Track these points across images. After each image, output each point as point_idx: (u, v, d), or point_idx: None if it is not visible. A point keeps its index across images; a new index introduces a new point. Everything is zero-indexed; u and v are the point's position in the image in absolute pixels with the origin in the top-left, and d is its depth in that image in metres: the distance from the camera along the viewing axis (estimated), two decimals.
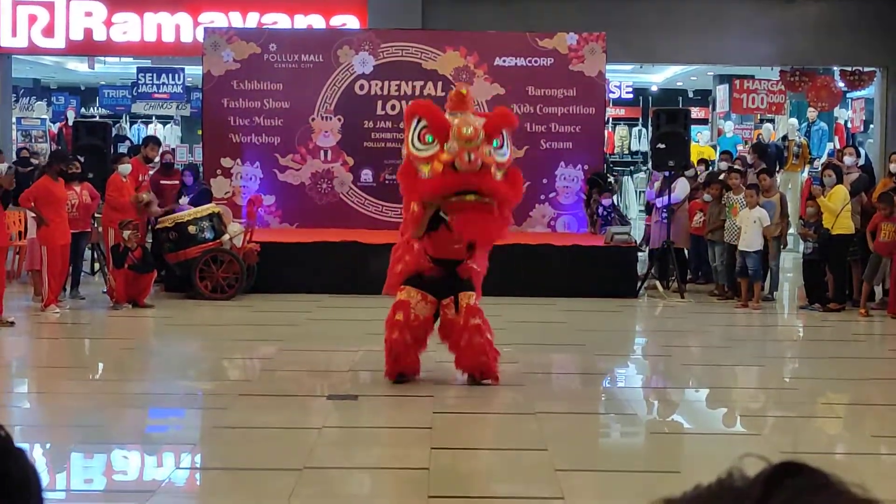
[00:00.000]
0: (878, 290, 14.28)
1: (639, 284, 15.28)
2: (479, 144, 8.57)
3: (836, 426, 8.97)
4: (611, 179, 18.59)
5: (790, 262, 18.00)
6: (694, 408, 9.58)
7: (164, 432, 8.49)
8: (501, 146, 8.92)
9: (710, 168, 17.78)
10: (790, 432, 8.38)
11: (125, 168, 14.51)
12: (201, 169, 17.46)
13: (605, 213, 16.31)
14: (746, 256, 14.34)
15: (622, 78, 30.26)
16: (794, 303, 15.39)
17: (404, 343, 9.19)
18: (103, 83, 28.01)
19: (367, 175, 16.87)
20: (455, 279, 9.28)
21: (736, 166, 16.81)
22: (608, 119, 26.91)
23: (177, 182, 16.43)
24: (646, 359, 11.95)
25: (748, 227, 14.36)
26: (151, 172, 16.29)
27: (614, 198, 17.59)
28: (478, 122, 8.72)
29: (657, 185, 16.13)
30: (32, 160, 18.82)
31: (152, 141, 16.45)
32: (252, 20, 20.08)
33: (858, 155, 16.24)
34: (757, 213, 14.35)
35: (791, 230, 16.48)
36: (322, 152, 17.04)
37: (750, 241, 14.32)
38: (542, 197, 17.02)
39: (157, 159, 16.44)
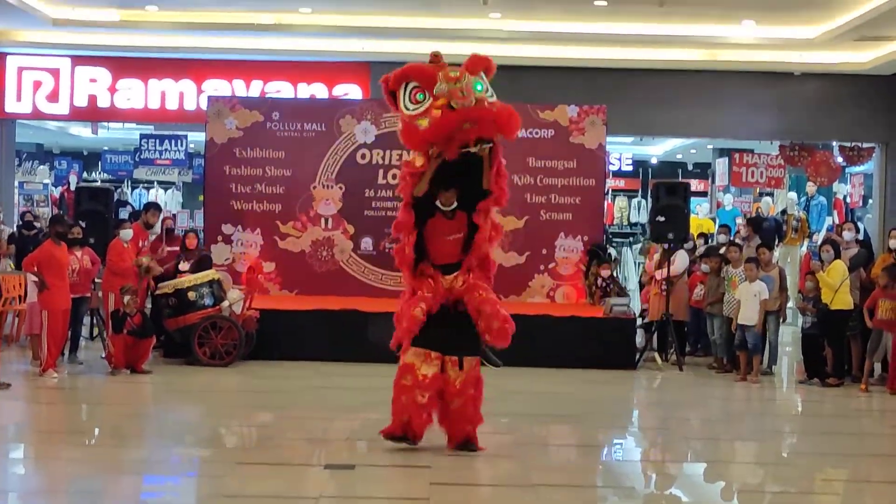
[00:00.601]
0: (878, 366, 14.26)
1: (637, 356, 15.27)
2: (468, 83, 8.91)
3: (833, 502, 8.92)
4: (610, 251, 18.62)
5: (789, 336, 17.99)
6: (692, 482, 9.53)
7: (160, 499, 8.44)
8: (486, 90, 9.18)
9: (710, 241, 17.82)
10: None
11: (127, 234, 14.56)
12: (202, 235, 17.51)
13: (604, 284, 16.33)
14: (745, 330, 14.34)
15: (622, 150, 30.47)
16: (792, 377, 15.37)
17: (416, 404, 9.14)
18: (106, 148, 28.13)
19: (367, 243, 16.91)
20: (463, 334, 9.26)
21: (735, 240, 16.87)
22: (608, 190, 27.02)
23: (177, 248, 16.47)
24: (644, 431, 11.91)
25: (747, 300, 14.38)
26: (152, 238, 16.33)
27: (613, 269, 17.59)
28: (457, 67, 9.08)
29: (656, 257, 16.16)
30: (35, 224, 18.86)
31: (153, 207, 16.51)
32: (255, 88, 20.28)
33: (857, 230, 16.30)
34: (756, 287, 14.38)
35: (790, 304, 16.49)
36: (323, 220, 17.09)
37: (749, 314, 14.33)
38: (542, 267, 17.04)
39: (157, 225, 16.49)
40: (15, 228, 19.94)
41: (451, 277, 9.30)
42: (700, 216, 24.74)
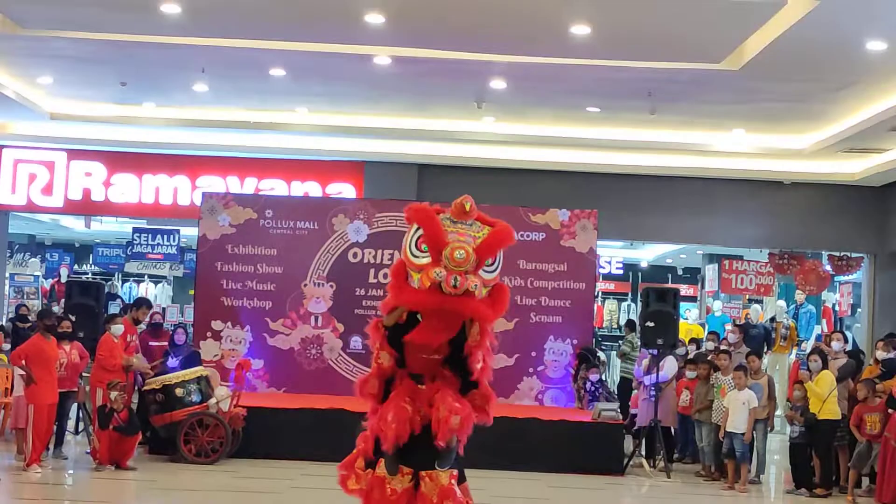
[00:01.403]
0: (865, 478, 14.19)
1: (625, 462, 15.20)
2: (469, 269, 8.65)
3: None
4: (600, 354, 18.62)
5: (777, 445, 17.93)
6: None
7: None
8: (493, 263, 8.96)
9: (701, 347, 17.84)
10: None
11: (117, 329, 14.54)
12: (191, 330, 17.50)
13: (592, 388, 16.30)
14: (734, 438, 14.31)
15: (613, 253, 30.56)
16: (780, 486, 15.29)
17: None
18: (98, 241, 28.20)
19: (356, 342, 16.90)
20: (434, 448, 9.20)
21: (723, 347, 16.89)
22: (597, 293, 27.09)
23: (165, 343, 16.46)
24: None
25: (736, 408, 14.36)
26: (140, 332, 16.31)
27: (602, 373, 17.57)
28: (470, 246, 8.72)
29: (645, 362, 16.16)
30: (29, 317, 18.85)
31: (144, 304, 16.50)
32: (250, 185, 20.41)
33: (846, 340, 16.32)
34: (745, 395, 14.37)
35: (778, 412, 16.47)
36: (313, 318, 17.10)
37: (737, 422, 14.31)
38: (531, 370, 17.04)
39: (145, 320, 16.48)
40: (7, 321, 19.92)
41: (424, 473, 9.21)
42: (689, 321, 24.78)
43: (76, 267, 30.30)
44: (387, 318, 8.97)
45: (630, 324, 19.69)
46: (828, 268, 22.15)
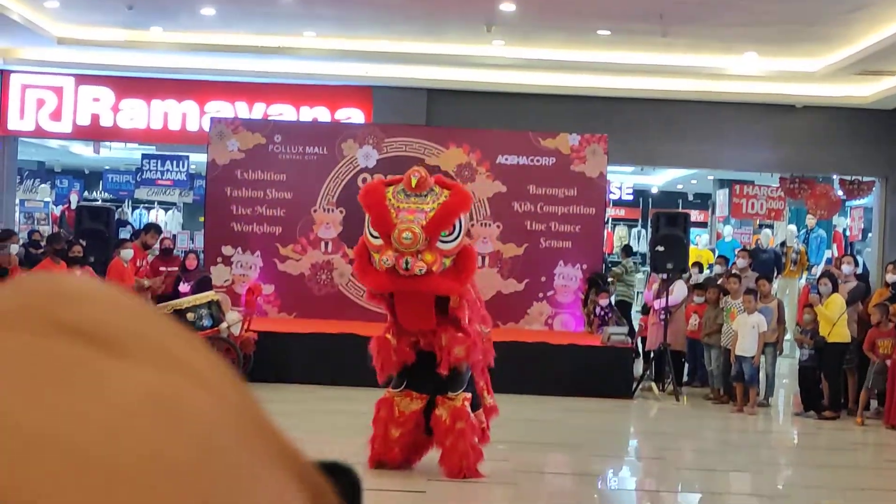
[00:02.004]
0: (874, 400, 14.25)
1: (634, 385, 15.27)
2: (421, 247, 8.64)
3: None
4: (609, 279, 18.63)
5: (786, 369, 17.99)
6: None
7: None
8: (452, 232, 8.94)
9: (708, 271, 17.85)
10: None
11: (127, 253, 14.59)
12: (202, 256, 17.53)
13: (602, 313, 16.34)
14: (742, 361, 14.35)
15: (623, 179, 30.52)
16: (789, 409, 15.36)
17: (385, 438, 9.31)
18: (107, 168, 28.22)
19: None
20: (439, 376, 9.31)
21: (733, 271, 16.89)
22: (608, 219, 27.05)
23: (175, 268, 16.50)
24: (640, 461, 11.91)
25: (745, 332, 14.39)
26: (151, 258, 16.35)
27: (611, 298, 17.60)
28: (419, 224, 8.72)
29: (655, 287, 16.18)
30: (42, 243, 18.89)
31: (153, 228, 16.55)
32: (258, 111, 20.31)
33: (856, 264, 16.32)
34: (754, 319, 14.39)
35: (787, 336, 16.50)
36: (323, 243, 17.11)
37: (746, 346, 14.34)
38: (541, 295, 17.06)
39: (156, 246, 16.51)
40: (20, 247, 19.97)
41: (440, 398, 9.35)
42: (699, 247, 24.78)
43: (86, 194, 30.33)
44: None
45: (626, 249, 19.69)
46: (839, 192, 22.07)
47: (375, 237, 8.88)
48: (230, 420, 0.42)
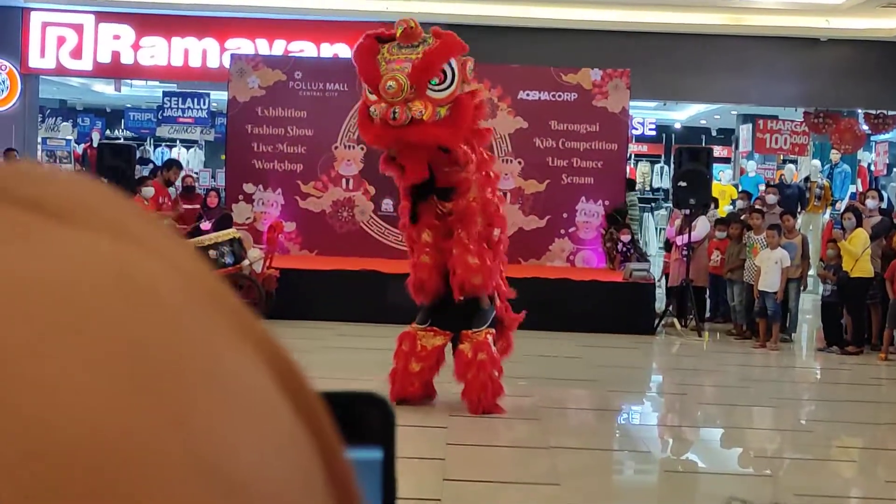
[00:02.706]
0: None
1: (657, 321, 15.26)
2: (406, 97, 8.59)
3: (850, 470, 8.93)
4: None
5: (809, 304, 17.95)
6: (708, 447, 9.55)
7: None
8: (443, 80, 8.86)
9: (731, 206, 17.78)
10: (804, 474, 8.35)
11: (148, 191, 14.61)
12: (223, 194, 17.55)
13: (624, 248, 16.30)
14: (766, 297, 14.31)
15: (645, 115, 30.34)
16: (812, 345, 15.35)
17: (406, 371, 9.36)
18: (129, 106, 28.18)
19: (387, 204, 16.90)
20: (469, 308, 9.33)
21: (757, 206, 16.80)
22: (630, 155, 26.92)
23: (197, 206, 16.52)
24: (661, 396, 11.93)
25: (769, 267, 14.34)
26: (173, 195, 16.37)
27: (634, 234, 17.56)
28: (404, 73, 8.67)
29: (678, 223, 16.12)
30: None
31: (175, 164, 16.57)
32: (278, 47, 20.21)
33: (881, 198, 16.22)
34: (778, 254, 14.33)
35: (811, 272, 16.45)
36: (344, 181, 17.09)
37: (769, 281, 14.30)
38: (562, 231, 17.03)
39: (178, 183, 16.52)
40: None
41: (449, 205, 9.32)
42: (723, 182, 24.67)
43: (108, 132, 30.34)
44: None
45: (630, 183, 19.47)
46: (864, 126, 21.89)
47: (371, 92, 8.88)
48: (181, 285, 0.41)
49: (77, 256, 0.38)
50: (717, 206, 17.67)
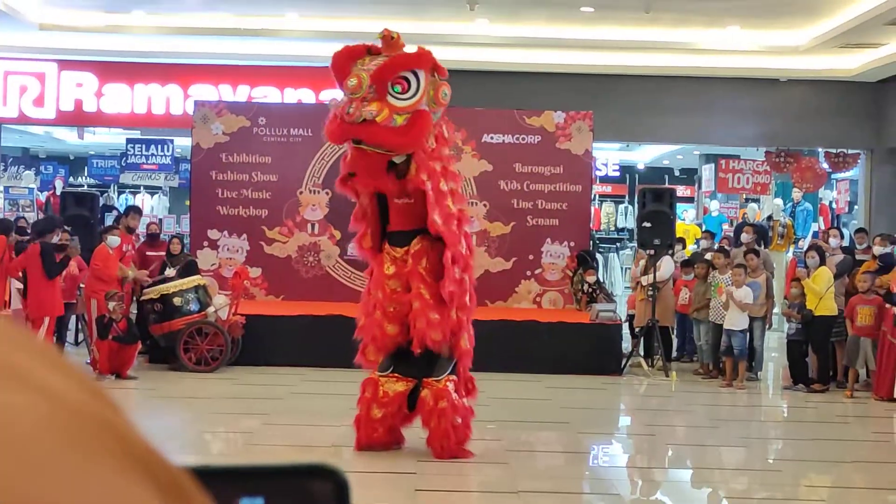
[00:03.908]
0: (862, 371, 14.29)
1: (623, 362, 15.27)
2: (366, 95, 8.63)
3: None
4: (597, 256, 18.63)
5: (774, 342, 18.02)
6: (678, 488, 9.54)
7: None
8: (406, 90, 8.88)
9: (695, 246, 17.86)
10: None
11: (114, 240, 14.49)
12: (188, 240, 17.48)
13: (590, 289, 16.34)
14: (732, 335, 14.36)
15: (609, 155, 30.54)
16: (778, 383, 15.40)
17: (369, 419, 9.35)
18: (92, 153, 28.14)
19: (353, 248, 16.86)
20: (429, 356, 9.33)
21: (724, 245, 16.86)
22: (595, 196, 27.05)
23: (162, 253, 16.44)
24: (630, 437, 11.92)
25: (734, 306, 14.40)
26: (138, 243, 16.29)
27: (600, 274, 17.60)
28: (365, 73, 8.75)
29: (642, 262, 16.18)
30: (28, 230, 18.82)
31: (133, 210, 16.52)
32: (242, 93, 20.24)
33: (842, 237, 16.34)
34: (742, 293, 14.40)
35: (776, 310, 16.53)
36: (309, 225, 17.07)
37: (735, 320, 14.36)
38: (528, 273, 17.04)
39: (142, 229, 16.44)
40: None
41: (402, 250, 9.36)
42: (686, 222, 24.82)
43: (71, 179, 30.24)
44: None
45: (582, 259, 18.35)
46: (824, 165, 22.10)
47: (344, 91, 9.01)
48: (58, 420, 0.41)
49: None
50: (684, 247, 17.74)
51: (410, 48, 9.19)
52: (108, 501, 0.40)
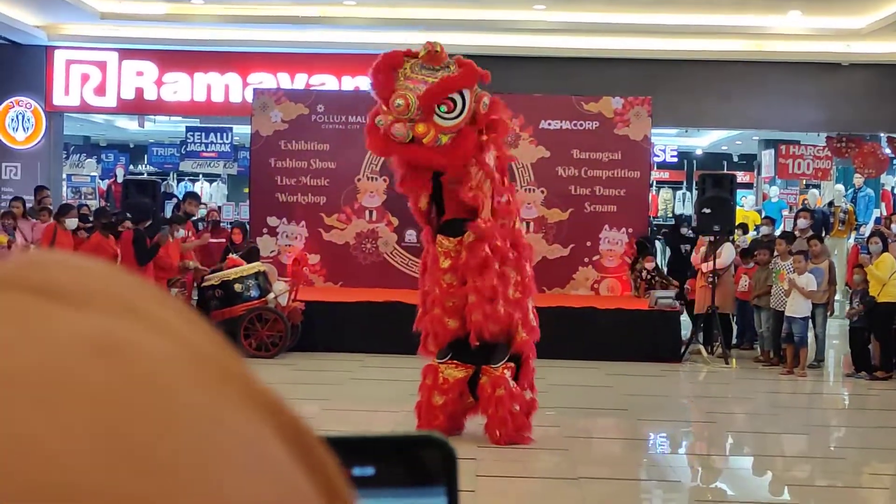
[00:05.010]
0: None
1: (683, 349, 15.21)
2: (414, 116, 8.63)
3: (882, 497, 8.86)
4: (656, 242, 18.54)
5: (836, 329, 17.86)
6: (738, 475, 9.49)
7: None
8: (453, 109, 8.86)
9: (754, 232, 17.74)
10: (835, 502, 8.29)
11: (180, 232, 14.62)
12: (248, 227, 17.61)
13: (648, 276, 16.28)
14: (792, 322, 14.25)
15: (667, 141, 30.33)
16: (839, 370, 15.27)
17: (430, 405, 9.37)
18: (152, 141, 28.35)
19: (411, 235, 16.90)
20: (487, 346, 9.36)
21: (795, 231, 16.66)
22: (652, 182, 26.91)
23: (223, 240, 16.57)
24: (690, 425, 11.87)
25: (796, 292, 14.29)
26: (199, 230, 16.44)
27: (658, 261, 17.51)
28: (415, 94, 8.71)
29: (703, 249, 16.08)
30: (90, 218, 19.05)
31: (191, 196, 16.70)
32: (300, 81, 20.31)
33: None
34: (805, 279, 14.28)
35: (838, 297, 16.37)
36: (367, 212, 17.12)
37: (797, 306, 14.24)
38: (586, 260, 17.01)
39: (202, 215, 16.57)
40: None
41: (455, 240, 9.37)
42: (746, 208, 24.62)
43: (131, 167, 30.51)
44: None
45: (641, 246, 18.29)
46: (887, 150, 21.84)
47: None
48: (186, 363, 0.42)
49: (65, 335, 0.39)
50: (746, 232, 17.61)
51: (457, 67, 9.06)
52: (236, 446, 0.41)
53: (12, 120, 20.72)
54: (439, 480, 0.61)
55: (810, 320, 14.47)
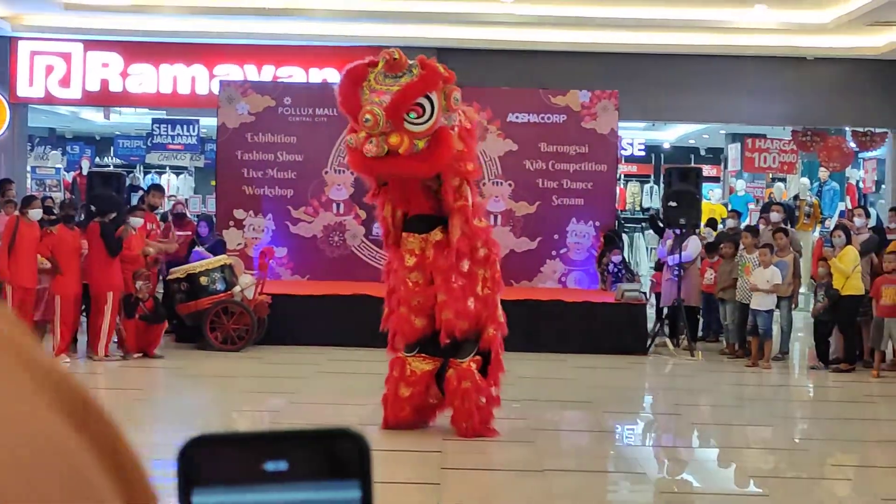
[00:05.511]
0: (889, 351, 14.24)
1: (649, 341, 15.26)
2: (385, 129, 8.56)
3: (845, 488, 8.92)
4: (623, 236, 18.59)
5: (801, 322, 17.96)
6: (704, 467, 9.53)
7: (170, 484, 8.46)
8: (422, 114, 8.81)
9: (721, 226, 17.82)
10: (800, 493, 8.34)
11: (136, 221, 14.52)
12: (214, 220, 17.53)
13: (615, 269, 16.32)
14: (757, 315, 14.33)
15: (634, 135, 30.40)
16: (804, 362, 15.36)
17: (397, 397, 9.41)
18: (118, 133, 28.19)
19: (378, 228, 16.86)
20: (454, 340, 9.38)
21: (760, 225, 16.73)
22: (620, 176, 26.98)
23: (189, 232, 16.49)
24: (655, 417, 11.92)
25: (761, 286, 14.36)
26: (163, 223, 16.35)
27: (625, 254, 17.56)
28: (381, 106, 8.61)
29: (669, 243, 16.14)
30: (54, 210, 18.93)
31: (154, 188, 16.60)
32: (267, 73, 20.22)
33: (868, 216, 16.25)
34: (770, 272, 14.35)
35: (802, 290, 16.46)
36: (334, 205, 17.09)
37: (762, 299, 14.32)
38: (554, 253, 17.04)
39: (165, 208, 16.48)
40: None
41: (420, 237, 9.36)
42: (712, 202, 24.72)
43: (97, 160, 30.32)
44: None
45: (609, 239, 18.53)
46: (851, 144, 21.95)
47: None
48: None
49: None
50: (714, 227, 17.67)
51: (420, 70, 8.99)
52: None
53: None
54: (354, 473, 0.63)
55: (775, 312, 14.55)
